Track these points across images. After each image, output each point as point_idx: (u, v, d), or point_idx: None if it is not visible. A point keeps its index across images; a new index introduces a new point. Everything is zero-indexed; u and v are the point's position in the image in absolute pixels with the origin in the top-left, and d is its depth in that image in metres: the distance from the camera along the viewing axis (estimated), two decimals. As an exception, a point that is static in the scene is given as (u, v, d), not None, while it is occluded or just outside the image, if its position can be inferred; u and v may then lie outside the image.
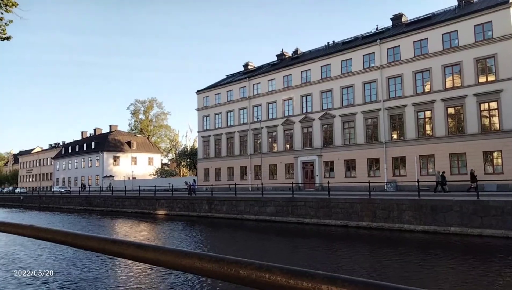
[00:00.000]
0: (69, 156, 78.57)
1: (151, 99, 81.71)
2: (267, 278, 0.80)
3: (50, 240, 1.49)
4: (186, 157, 61.52)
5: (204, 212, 28.48)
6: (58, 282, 10.42)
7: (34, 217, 35.86)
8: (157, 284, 10.10)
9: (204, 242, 18.17)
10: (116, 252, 1.18)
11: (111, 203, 38.36)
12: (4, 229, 1.85)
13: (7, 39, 9.09)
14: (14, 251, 15.18)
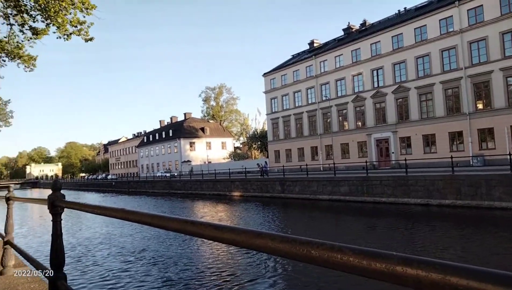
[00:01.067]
0: (150, 144, 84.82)
1: (220, 85, 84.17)
2: (339, 258, 0.80)
3: (138, 221, 1.65)
4: (256, 140, 62.72)
5: (277, 193, 28.95)
6: (146, 259, 11.47)
7: (124, 201, 39.66)
8: (234, 262, 10.60)
9: (277, 222, 18.54)
10: (196, 232, 1.27)
11: (190, 186, 40.80)
12: (100, 212, 2.09)
13: (90, 40, 9.97)
14: (108, 231, 17.00)
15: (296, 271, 9.50)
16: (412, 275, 0.68)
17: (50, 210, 2.63)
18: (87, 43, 10.01)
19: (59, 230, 2.63)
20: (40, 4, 8.51)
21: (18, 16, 8.92)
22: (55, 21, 9.13)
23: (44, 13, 8.77)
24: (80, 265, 10.91)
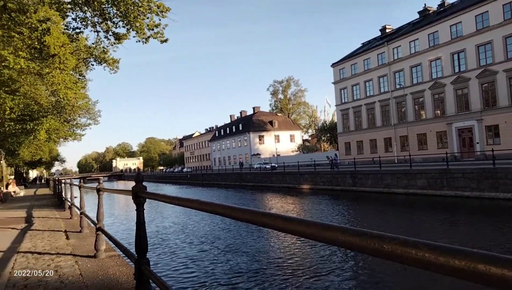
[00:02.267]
0: (221, 138, 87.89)
1: (288, 78, 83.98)
2: (413, 254, 0.77)
3: (212, 212, 1.74)
4: (326, 132, 61.57)
5: (348, 186, 28.20)
6: (219, 247, 11.98)
7: (198, 192, 41.73)
8: (302, 254, 10.60)
9: (348, 217, 18.08)
10: (266, 223, 1.30)
11: (260, 179, 41.54)
12: (177, 203, 2.23)
13: (165, 41, 10.59)
14: (185, 220, 18.05)
15: (366, 265, 9.22)
16: (497, 274, 0.63)
17: (134, 201, 2.88)
18: (163, 44, 10.61)
19: (142, 219, 2.86)
20: (121, 10, 9.24)
21: (103, 23, 9.78)
22: (134, 26, 9.85)
23: (125, 19, 9.51)
24: (160, 251, 11.77)
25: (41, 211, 12.33)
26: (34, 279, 4.14)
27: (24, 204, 16.59)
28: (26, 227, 8.61)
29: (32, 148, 38.74)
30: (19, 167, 60.76)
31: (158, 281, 2.51)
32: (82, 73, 22.29)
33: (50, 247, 5.92)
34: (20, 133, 26.40)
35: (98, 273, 4.26)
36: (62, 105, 23.75)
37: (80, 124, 33.34)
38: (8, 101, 16.62)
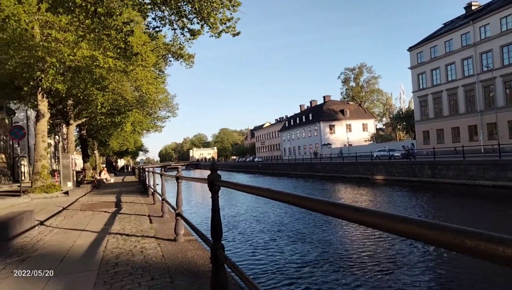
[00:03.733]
0: (291, 128, 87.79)
1: (360, 65, 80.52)
2: (500, 251, 0.72)
3: (283, 201, 1.78)
4: (401, 120, 58.08)
5: (426, 177, 26.41)
6: (289, 235, 12.08)
7: (269, 181, 42.33)
8: (374, 247, 10.22)
9: (427, 210, 16.96)
10: (338, 214, 1.30)
11: (330, 169, 40.80)
12: (249, 191, 2.31)
13: (237, 34, 10.85)
14: (256, 208, 18.48)
15: (441, 261, 8.60)
16: None
17: (210, 188, 3.03)
18: (234, 37, 10.87)
19: (217, 206, 3.01)
20: (195, 7, 9.65)
21: (179, 21, 10.31)
22: (208, 21, 10.23)
23: (199, 15, 9.92)
24: (232, 237, 12.24)
25: (128, 197, 13.56)
26: (123, 258, 4.59)
27: (114, 190, 18.36)
28: (116, 211, 9.55)
29: (120, 139, 42.57)
30: (109, 157, 67.30)
31: (232, 266, 2.63)
32: (162, 69, 23.82)
33: (136, 230, 6.51)
34: (109, 126, 29.16)
35: (178, 255, 4.58)
36: (144, 100, 25.67)
37: (160, 117, 35.77)
38: (100, 97, 18.42)
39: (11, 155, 39.91)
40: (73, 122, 24.21)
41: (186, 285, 3.45)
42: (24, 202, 12.58)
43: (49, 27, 13.54)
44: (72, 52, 13.06)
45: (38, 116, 16.37)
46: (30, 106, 21.78)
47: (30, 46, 12.91)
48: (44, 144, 16.16)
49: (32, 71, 14.31)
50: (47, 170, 16.53)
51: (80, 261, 4.63)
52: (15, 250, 5.41)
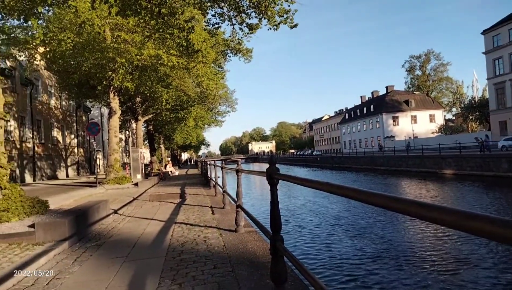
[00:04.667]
0: (351, 121, 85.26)
1: (427, 52, 75.45)
2: None
3: (342, 195, 1.75)
4: (474, 110, 53.56)
5: (503, 171, 24.15)
6: (348, 230, 11.80)
7: (327, 175, 41.62)
8: (438, 244, 9.60)
9: (505, 208, 15.53)
10: (400, 209, 1.26)
11: (394, 163, 39.00)
12: (308, 185, 2.31)
13: (295, 26, 10.77)
14: (314, 201, 18.30)
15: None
16: None
17: (268, 181, 3.08)
18: (292, 29, 10.82)
19: (276, 199, 3.05)
20: (254, 2, 9.74)
21: (238, 16, 10.49)
22: (266, 14, 10.28)
23: (257, 9, 10.00)
24: (290, 230, 12.28)
25: (191, 189, 14.19)
26: (188, 246, 4.84)
27: (178, 182, 19.32)
28: (180, 201, 10.06)
29: (183, 134, 44.56)
30: (174, 150, 70.79)
31: (291, 258, 2.66)
32: (221, 65, 24.43)
33: (199, 220, 6.81)
34: (174, 121, 30.66)
35: (239, 246, 4.72)
36: (205, 95, 26.57)
37: (220, 112, 36.82)
38: (164, 94, 19.42)
39: (88, 150, 43.69)
40: (141, 118, 25.82)
41: (246, 274, 3.55)
42: (100, 192, 13.74)
43: (119, 29, 14.54)
44: (139, 52, 13.90)
45: (111, 113, 17.70)
46: (103, 104, 23.61)
47: (102, 48, 13.97)
48: (116, 139, 17.46)
49: (104, 71, 15.49)
50: (119, 163, 17.86)
51: (149, 247, 4.97)
52: (94, 236, 5.95)
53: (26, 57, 18.64)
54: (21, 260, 4.33)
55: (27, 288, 3.54)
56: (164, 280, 3.54)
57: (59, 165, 35.07)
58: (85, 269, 4.12)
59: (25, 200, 6.86)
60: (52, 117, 34.88)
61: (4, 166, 6.69)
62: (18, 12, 8.84)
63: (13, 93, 26.20)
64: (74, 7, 9.69)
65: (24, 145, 28.21)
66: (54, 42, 14.45)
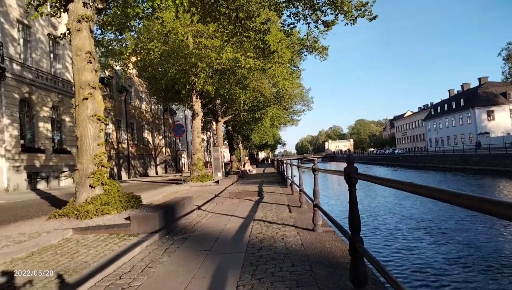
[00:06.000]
0: (438, 116, 78.81)
1: (530, 35, 66.41)
2: None
3: (427, 196, 1.67)
4: None
5: None
6: (431, 231, 10.94)
7: (410, 175, 39.02)
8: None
9: None
10: (495, 212, 1.16)
11: (489, 162, 35.15)
12: (389, 185, 2.23)
13: (374, 18, 10.34)
14: (395, 202, 17.32)
15: None
16: None
17: (346, 181, 3.03)
18: (370, 22, 10.41)
19: (355, 199, 2.99)
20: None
21: (313, 14, 10.40)
22: (342, 9, 10.04)
23: (332, 6, 9.81)
24: (369, 231, 11.80)
25: (268, 187, 14.45)
26: (266, 243, 4.97)
27: (256, 180, 19.80)
28: (258, 199, 10.32)
29: (260, 133, 45.51)
30: (252, 150, 72.63)
31: (372, 260, 2.59)
32: (296, 64, 24.43)
33: (277, 218, 6.92)
34: (251, 121, 31.50)
35: (316, 245, 4.70)
36: (281, 95, 26.83)
37: (296, 111, 36.82)
38: (242, 95, 20.07)
39: (174, 149, 46.95)
40: (221, 119, 27.00)
41: (324, 274, 3.53)
42: (185, 189, 14.70)
43: (200, 36, 15.41)
44: (218, 56, 14.58)
45: (194, 115, 18.82)
46: (187, 106, 25.17)
47: (186, 54, 14.93)
48: (199, 139, 18.53)
49: (187, 76, 16.53)
50: (201, 162, 18.92)
51: (230, 243, 5.21)
52: (180, 229, 6.41)
53: (121, 67, 20.72)
54: (119, 249, 4.85)
55: (125, 274, 3.95)
56: (245, 274, 3.69)
57: (150, 163, 38.24)
58: (173, 259, 4.47)
59: (122, 195, 7.65)
60: (143, 120, 38.17)
61: (105, 164, 7.54)
62: (115, 26, 9.89)
63: (111, 99, 29.31)
64: (161, 18, 10.52)
65: (120, 146, 31.31)
66: (144, 51, 15.84)
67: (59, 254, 4.82)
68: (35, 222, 7.12)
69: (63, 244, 5.44)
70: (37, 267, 4.19)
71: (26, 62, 19.95)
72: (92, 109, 7.45)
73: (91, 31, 7.73)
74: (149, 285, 3.54)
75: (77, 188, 7.40)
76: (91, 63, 7.53)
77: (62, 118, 23.03)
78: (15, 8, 19.02)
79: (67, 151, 22.85)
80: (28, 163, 19.10)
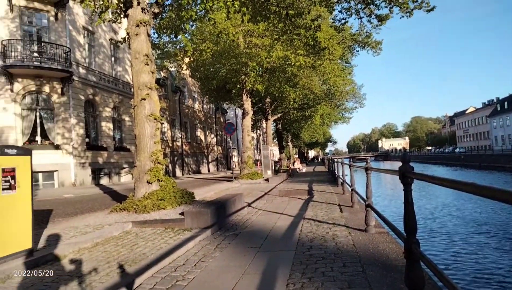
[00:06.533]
0: (506, 112, 72.75)
1: None
2: None
3: (491, 197, 1.56)
4: None
5: None
6: (498, 240, 10.12)
7: (473, 175, 36.40)
8: None
9: None
10: None
11: None
12: (448, 185, 2.11)
13: (432, 10, 9.80)
14: (454, 204, 16.26)
15: None
16: None
17: (401, 181, 2.91)
18: (427, 14, 9.91)
19: (410, 199, 2.87)
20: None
21: (366, 8, 10.08)
22: (397, 2, 9.63)
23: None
24: (427, 233, 11.21)
25: (318, 186, 14.27)
26: (316, 242, 4.92)
27: (305, 179, 19.64)
28: (308, 198, 10.23)
29: (310, 131, 45.07)
30: (301, 148, 72.13)
31: (429, 264, 2.47)
32: (348, 60, 23.83)
33: (328, 217, 6.82)
34: (301, 119, 31.29)
35: (369, 246, 4.57)
36: (332, 92, 26.31)
37: (347, 108, 35.92)
38: (292, 93, 20.00)
39: (225, 147, 47.94)
40: (270, 117, 27.12)
41: (378, 276, 3.43)
42: (235, 186, 14.98)
43: (250, 35, 15.58)
44: (268, 55, 14.65)
45: (244, 114, 19.09)
46: (237, 105, 25.58)
47: (236, 54, 15.18)
48: (249, 138, 18.77)
49: (238, 76, 16.79)
50: (251, 160, 19.15)
51: (280, 240, 5.23)
52: (231, 225, 6.56)
53: (175, 68, 21.56)
54: (174, 243, 5.08)
55: (180, 267, 4.13)
56: (295, 273, 3.69)
57: (202, 161, 39.44)
58: (225, 255, 4.59)
59: (176, 191, 7.98)
60: (196, 119, 39.42)
61: (161, 161, 7.91)
62: (170, 29, 10.32)
63: (166, 99, 30.62)
64: (213, 19, 10.80)
65: (174, 144, 32.62)
66: (197, 52, 16.36)
67: (120, 245, 5.16)
68: (98, 215, 7.67)
69: (123, 236, 5.81)
70: (101, 257, 4.51)
71: (91, 65, 21.48)
72: (149, 109, 7.85)
73: (148, 35, 8.14)
74: (202, 279, 3.67)
75: (136, 183, 7.84)
76: (148, 65, 7.93)
77: (122, 118, 24.49)
78: (81, 16, 20.53)
79: (126, 149, 24.26)
80: (92, 160, 20.56)
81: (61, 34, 18.93)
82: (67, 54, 18.53)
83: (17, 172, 4.08)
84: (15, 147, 4.32)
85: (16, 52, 17.03)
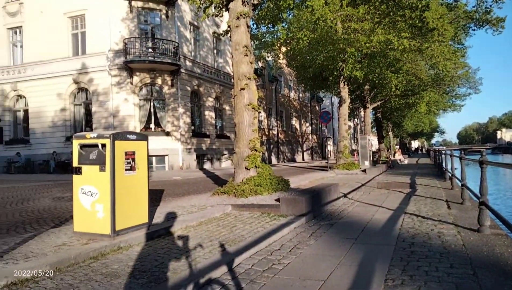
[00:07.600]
0: None
1: None
2: None
3: None
4: None
5: None
6: None
7: None
8: None
9: None
10: None
11: None
12: None
13: None
14: None
15: None
16: None
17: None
18: None
19: (538, 198, 2.49)
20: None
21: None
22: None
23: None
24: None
25: (423, 179, 13.22)
26: (419, 239, 4.60)
27: (407, 171, 18.36)
28: (410, 192, 9.57)
29: (414, 120, 41.83)
30: (403, 138, 67.47)
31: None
32: (461, 41, 21.33)
33: (432, 214, 6.30)
34: (403, 107, 29.21)
35: (483, 248, 4.11)
36: (441, 77, 23.87)
37: (459, 95, 32.32)
38: (394, 79, 18.76)
39: (320, 136, 47.47)
40: (369, 105, 25.87)
41: (492, 282, 3.07)
42: (330, 176, 14.76)
43: (349, 20, 14.98)
44: (368, 39, 13.91)
45: (341, 102, 18.57)
46: (334, 93, 24.98)
47: (334, 40, 14.76)
48: (345, 127, 18.24)
49: (335, 63, 16.34)
50: (348, 150, 18.62)
51: (378, 234, 5.02)
52: (326, 215, 6.51)
53: (272, 57, 21.91)
54: (270, 227, 5.25)
55: (275, 251, 4.27)
56: (394, 268, 3.52)
57: (297, 149, 39.72)
58: (319, 243, 4.59)
59: (272, 178, 8.21)
60: (291, 108, 39.73)
61: (258, 149, 8.20)
62: (268, 19, 10.50)
63: (263, 89, 31.45)
64: (310, 6, 10.65)
65: (270, 132, 33.43)
66: (294, 41, 16.36)
67: (221, 226, 5.53)
68: (202, 196, 8.32)
69: (224, 217, 6.21)
70: (204, 235, 4.91)
71: (196, 58, 23.13)
72: (248, 99, 8.16)
73: (247, 26, 8.42)
74: (297, 265, 3.74)
75: (235, 169, 8.28)
76: (247, 56, 8.22)
77: (223, 107, 25.94)
78: (188, 12, 22.17)
79: (226, 136, 25.69)
80: (197, 146, 22.30)
81: (171, 30, 20.74)
82: (176, 49, 20.25)
83: (136, 155, 4.65)
84: (135, 133, 4.92)
85: (134, 49, 19.24)
